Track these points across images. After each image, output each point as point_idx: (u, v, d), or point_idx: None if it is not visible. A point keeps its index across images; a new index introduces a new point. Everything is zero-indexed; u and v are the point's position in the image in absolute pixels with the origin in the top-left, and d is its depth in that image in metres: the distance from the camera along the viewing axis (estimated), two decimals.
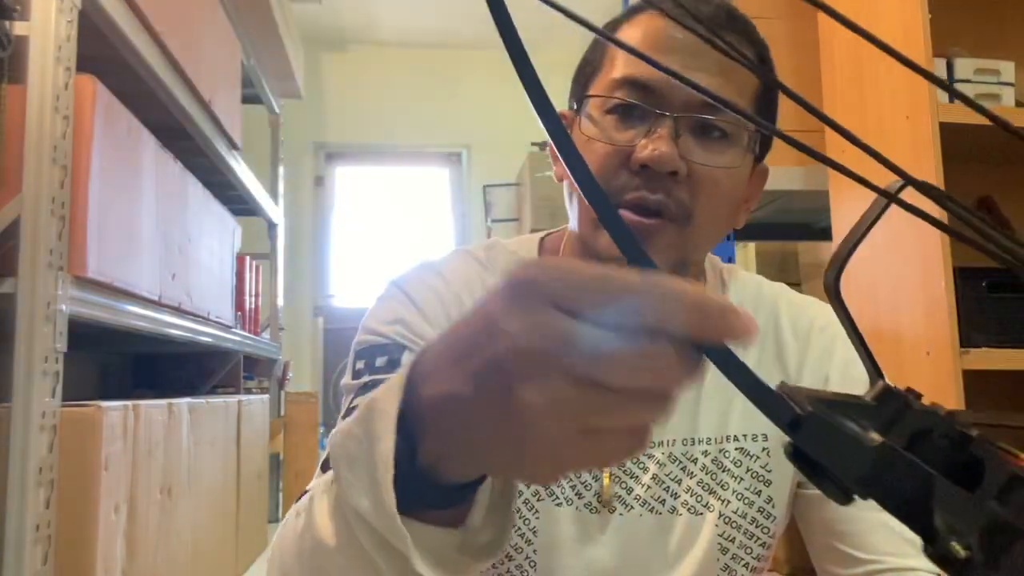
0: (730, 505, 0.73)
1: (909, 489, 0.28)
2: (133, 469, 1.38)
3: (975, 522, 0.28)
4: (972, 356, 1.29)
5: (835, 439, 0.28)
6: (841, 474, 0.28)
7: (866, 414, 0.29)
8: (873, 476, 0.28)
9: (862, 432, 0.28)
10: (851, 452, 0.28)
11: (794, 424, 0.29)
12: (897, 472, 0.28)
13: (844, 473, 0.28)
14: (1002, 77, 1.44)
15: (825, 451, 0.28)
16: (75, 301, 1.24)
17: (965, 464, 0.28)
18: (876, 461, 0.28)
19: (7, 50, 1.17)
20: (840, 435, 0.28)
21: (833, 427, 0.28)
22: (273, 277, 3.26)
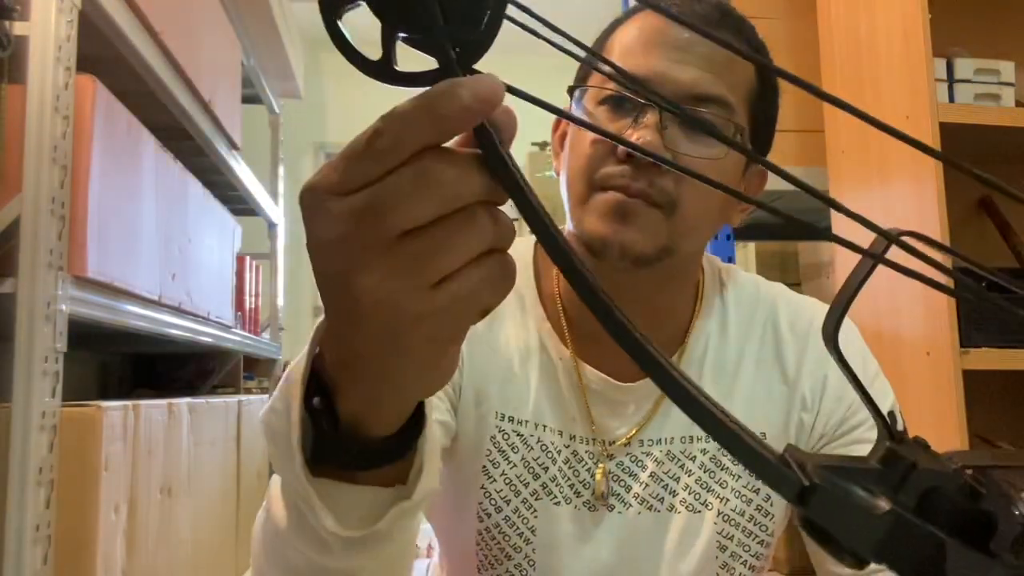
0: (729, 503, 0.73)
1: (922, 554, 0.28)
2: (133, 469, 1.38)
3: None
4: (972, 356, 1.29)
5: (844, 508, 0.28)
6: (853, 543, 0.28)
7: (873, 478, 0.29)
8: (885, 543, 0.28)
9: (871, 500, 0.28)
10: (861, 521, 0.28)
11: (802, 496, 0.28)
12: (909, 538, 0.28)
13: (856, 542, 0.28)
14: (1002, 77, 1.44)
15: (836, 521, 0.28)
16: (75, 301, 1.24)
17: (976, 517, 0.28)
18: (887, 529, 0.28)
19: (7, 50, 1.17)
20: (849, 504, 0.28)
21: (842, 497, 0.28)
22: (273, 277, 3.25)
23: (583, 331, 0.75)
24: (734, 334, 0.77)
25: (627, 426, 0.74)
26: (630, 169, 0.66)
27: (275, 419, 0.42)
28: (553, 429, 0.74)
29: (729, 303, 0.79)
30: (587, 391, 0.74)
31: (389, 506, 0.41)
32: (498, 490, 0.73)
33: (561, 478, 0.73)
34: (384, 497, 0.41)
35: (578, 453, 0.74)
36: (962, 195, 1.53)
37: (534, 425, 0.74)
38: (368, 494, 0.41)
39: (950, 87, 1.42)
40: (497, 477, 0.73)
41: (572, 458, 0.74)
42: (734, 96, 0.69)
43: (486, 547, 0.74)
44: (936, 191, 1.30)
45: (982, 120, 1.38)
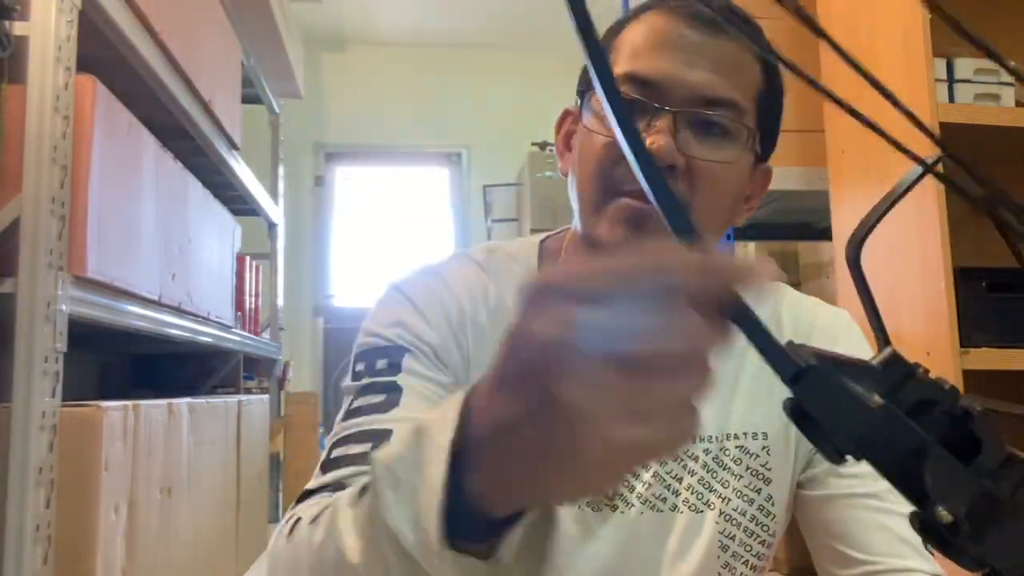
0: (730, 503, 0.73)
1: (904, 454, 0.28)
2: (133, 469, 1.38)
3: (966, 493, 0.28)
4: (972, 356, 1.29)
5: (836, 397, 0.28)
6: (838, 432, 0.28)
7: (871, 377, 0.29)
8: (870, 437, 0.28)
9: (865, 393, 0.28)
10: (851, 411, 0.28)
11: (796, 377, 0.29)
12: (895, 436, 0.28)
13: (842, 431, 0.28)
14: (1002, 77, 1.44)
15: (825, 408, 0.28)
16: (75, 301, 1.24)
17: (963, 440, 0.29)
18: (876, 422, 0.28)
19: (7, 50, 1.17)
20: (842, 393, 0.28)
21: (835, 384, 0.28)
22: (273, 277, 3.26)
23: None
24: None
25: None
26: None
27: (402, 468, 0.40)
28: None
29: None
30: None
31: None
32: None
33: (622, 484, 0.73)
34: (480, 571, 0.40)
35: None
36: None
37: None
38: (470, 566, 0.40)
39: (950, 87, 1.42)
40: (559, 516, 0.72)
41: None
42: (744, 98, 0.69)
43: None
44: (936, 190, 1.30)
45: (982, 120, 1.38)
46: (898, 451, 0.28)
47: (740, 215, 0.76)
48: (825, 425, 0.28)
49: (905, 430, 0.28)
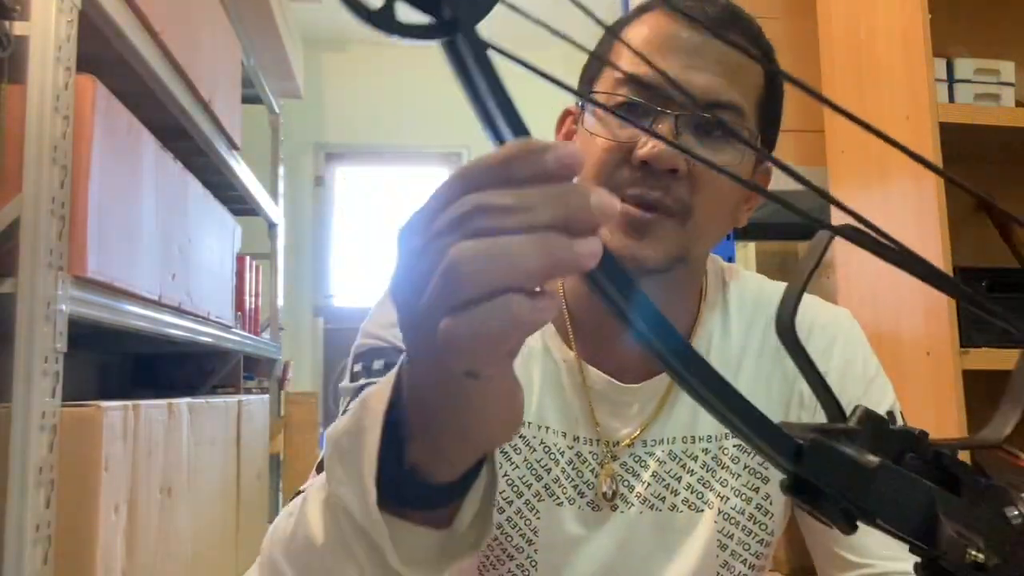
0: (729, 502, 0.73)
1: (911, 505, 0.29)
2: (133, 469, 1.38)
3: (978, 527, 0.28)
4: (972, 356, 1.29)
5: (836, 465, 0.29)
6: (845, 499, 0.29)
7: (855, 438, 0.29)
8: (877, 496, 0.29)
9: (861, 454, 0.29)
10: (853, 475, 0.28)
11: (797, 455, 0.29)
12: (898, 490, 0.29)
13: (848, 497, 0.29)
14: (1002, 77, 1.44)
15: (828, 478, 0.29)
16: (75, 301, 1.24)
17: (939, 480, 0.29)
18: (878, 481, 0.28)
19: (7, 50, 1.17)
20: (841, 460, 0.29)
21: (834, 453, 0.29)
22: (273, 277, 3.25)
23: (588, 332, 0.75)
24: (736, 332, 0.78)
25: (630, 427, 0.74)
26: (646, 177, 0.65)
27: (345, 440, 0.42)
28: (556, 431, 0.74)
29: (731, 301, 0.79)
30: (591, 392, 0.74)
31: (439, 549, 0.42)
32: (500, 491, 0.73)
33: (564, 479, 0.73)
34: (432, 539, 0.42)
35: (582, 454, 0.74)
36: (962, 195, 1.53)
37: (537, 427, 0.74)
38: (420, 537, 0.42)
39: (950, 87, 1.42)
40: (499, 478, 0.73)
41: (576, 459, 0.74)
42: (746, 101, 0.69)
43: (488, 548, 0.74)
44: (936, 191, 1.30)
45: (982, 120, 1.38)
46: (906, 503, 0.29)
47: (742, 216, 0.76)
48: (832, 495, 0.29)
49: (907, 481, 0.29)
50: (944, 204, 1.30)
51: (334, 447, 0.44)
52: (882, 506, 0.29)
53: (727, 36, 0.67)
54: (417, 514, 0.42)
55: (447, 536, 0.42)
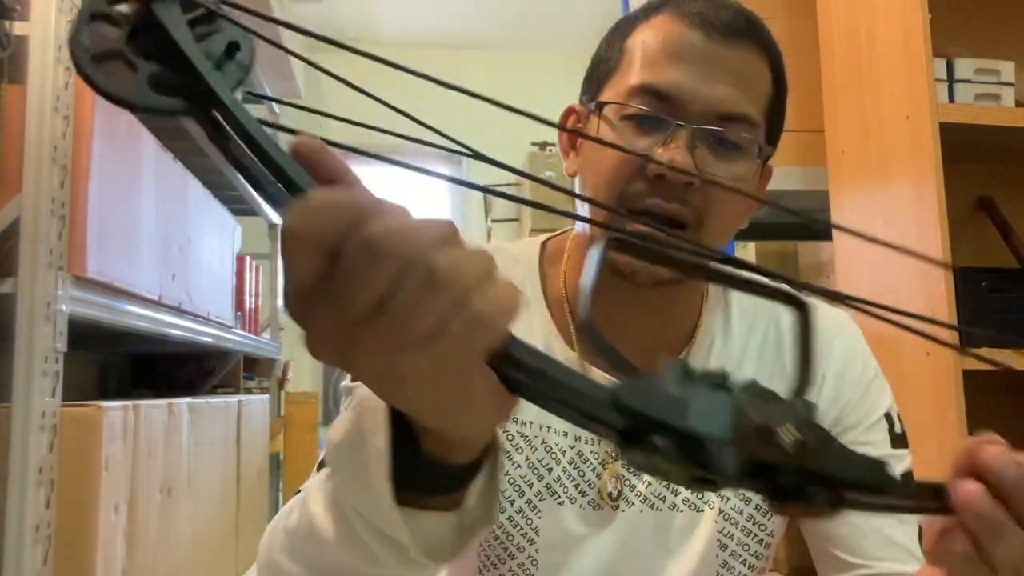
0: (728, 501, 0.73)
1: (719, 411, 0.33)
2: (133, 469, 1.38)
3: None
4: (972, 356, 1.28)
5: (652, 395, 0.33)
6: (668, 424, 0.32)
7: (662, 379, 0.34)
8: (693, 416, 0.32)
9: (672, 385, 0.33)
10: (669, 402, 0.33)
11: (614, 400, 0.33)
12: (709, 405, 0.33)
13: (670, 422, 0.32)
14: (1002, 77, 1.44)
15: (648, 407, 0.32)
16: (75, 301, 1.24)
17: None
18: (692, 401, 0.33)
19: (7, 50, 1.17)
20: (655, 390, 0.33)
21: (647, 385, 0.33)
22: (273, 277, 3.25)
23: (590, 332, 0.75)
24: (737, 332, 0.78)
25: None
26: (661, 189, 0.66)
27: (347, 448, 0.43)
28: (558, 430, 0.74)
29: (733, 302, 0.79)
30: None
31: (453, 531, 0.42)
32: (502, 490, 0.73)
33: (566, 478, 0.73)
34: (448, 521, 0.42)
35: (583, 454, 0.74)
36: (962, 195, 1.53)
37: (538, 426, 0.74)
38: (435, 519, 0.42)
39: (950, 87, 1.42)
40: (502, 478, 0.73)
41: (577, 458, 0.74)
42: (757, 111, 0.69)
43: (488, 547, 0.74)
44: (936, 191, 1.30)
45: (982, 120, 1.38)
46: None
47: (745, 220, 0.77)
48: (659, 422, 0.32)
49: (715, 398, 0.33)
50: (944, 204, 1.30)
51: (336, 455, 0.44)
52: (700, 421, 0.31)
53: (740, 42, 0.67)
54: (432, 500, 0.42)
55: (460, 515, 0.43)
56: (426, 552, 0.42)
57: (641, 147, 0.67)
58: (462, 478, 0.42)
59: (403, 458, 0.40)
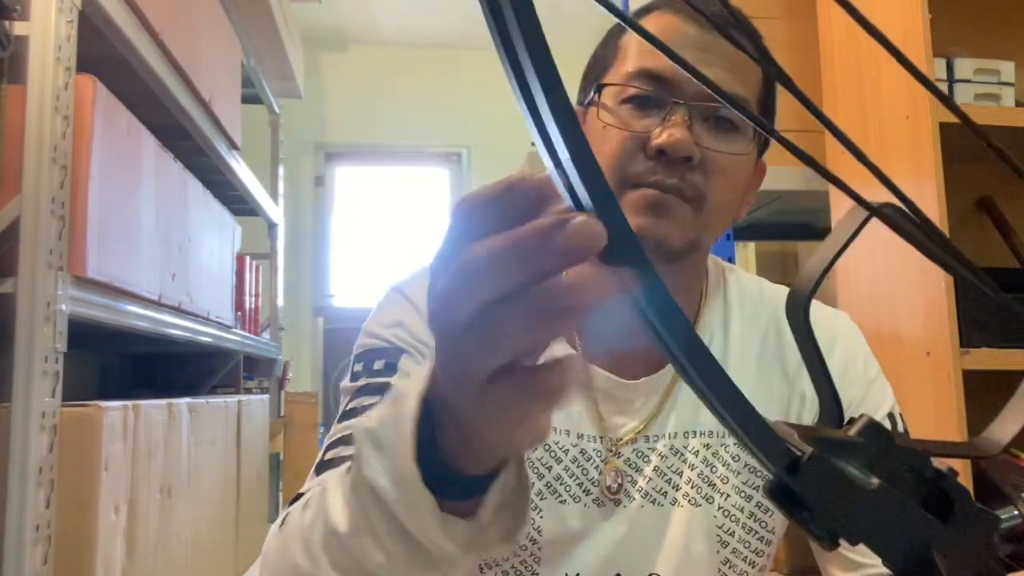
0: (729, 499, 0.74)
1: (903, 532, 0.27)
2: (133, 469, 1.38)
3: (968, 561, 0.27)
4: (972, 356, 1.29)
5: (833, 482, 0.27)
6: (834, 518, 0.27)
7: (857, 452, 0.28)
8: (872, 521, 0.27)
9: (862, 474, 0.27)
10: (848, 495, 0.27)
11: (793, 467, 0.27)
12: (891, 515, 0.27)
13: (837, 517, 0.27)
14: (1002, 77, 1.44)
15: (823, 494, 0.27)
16: (75, 301, 1.24)
17: (936, 498, 0.28)
18: (876, 506, 0.27)
19: (7, 50, 1.17)
20: (840, 478, 0.27)
21: (834, 470, 0.27)
22: (273, 277, 3.26)
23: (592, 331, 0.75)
24: (736, 331, 0.78)
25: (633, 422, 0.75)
26: (662, 166, 0.67)
27: (383, 430, 0.43)
28: (559, 429, 0.74)
29: (732, 301, 0.80)
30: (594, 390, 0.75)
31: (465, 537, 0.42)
32: None
33: (567, 476, 0.74)
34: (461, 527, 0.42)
35: (586, 451, 0.74)
36: (962, 195, 1.53)
37: None
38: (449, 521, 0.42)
39: (950, 87, 1.42)
40: None
41: (580, 456, 0.74)
42: (749, 94, 0.72)
43: None
44: (936, 191, 1.30)
45: (982, 120, 1.37)
46: (899, 534, 0.27)
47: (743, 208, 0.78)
48: (821, 510, 0.27)
49: (903, 509, 0.27)
50: (944, 204, 1.30)
51: (367, 436, 0.44)
52: (871, 530, 0.27)
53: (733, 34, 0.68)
54: (449, 504, 0.42)
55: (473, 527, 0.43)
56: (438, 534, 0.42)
57: (640, 127, 0.69)
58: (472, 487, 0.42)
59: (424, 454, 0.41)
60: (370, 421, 0.44)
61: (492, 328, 0.32)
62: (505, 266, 0.31)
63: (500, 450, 0.40)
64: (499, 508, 0.42)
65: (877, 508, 0.27)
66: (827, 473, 0.27)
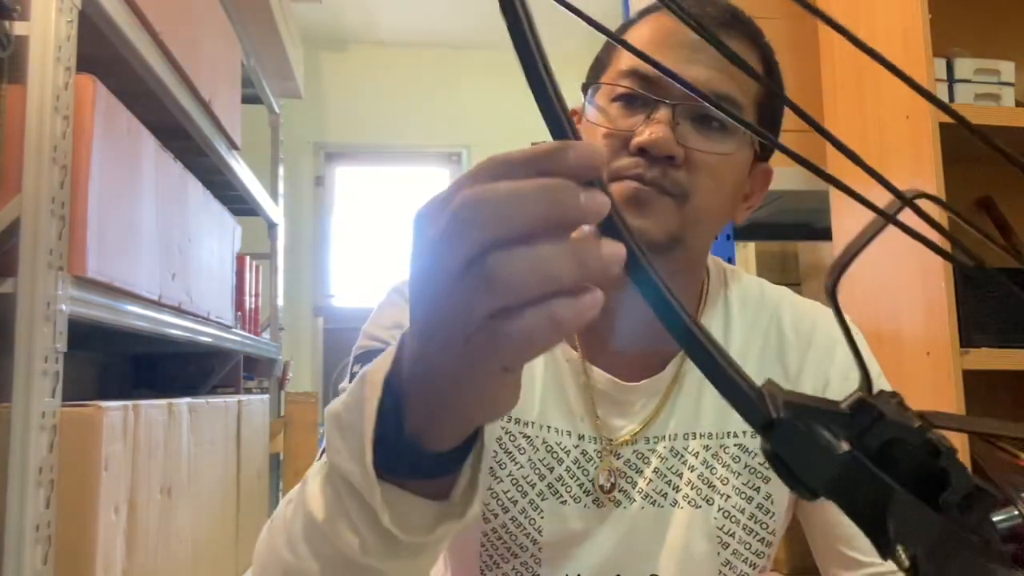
0: (730, 500, 0.74)
1: (870, 498, 0.29)
2: (133, 469, 1.38)
3: (928, 532, 0.29)
4: (972, 356, 1.29)
5: (807, 444, 0.30)
6: (810, 477, 0.30)
7: (840, 422, 0.30)
8: (839, 482, 0.29)
9: (833, 440, 0.29)
10: (819, 457, 0.29)
11: (767, 426, 0.30)
12: (861, 480, 0.29)
13: (812, 477, 0.30)
14: (1002, 77, 1.44)
15: (797, 455, 0.30)
16: (75, 301, 1.24)
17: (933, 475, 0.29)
18: (841, 468, 0.29)
19: (7, 50, 1.17)
20: (812, 441, 0.30)
21: (806, 433, 0.30)
22: (273, 277, 3.25)
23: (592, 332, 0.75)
24: (737, 333, 0.78)
25: (633, 423, 0.75)
26: (644, 161, 0.67)
27: (347, 413, 0.44)
28: (560, 430, 0.74)
29: (733, 303, 0.79)
30: (594, 391, 0.75)
31: (434, 518, 0.43)
32: (505, 491, 0.74)
33: (569, 478, 0.74)
34: (429, 511, 0.43)
35: (587, 453, 0.74)
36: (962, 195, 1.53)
37: (539, 426, 0.74)
38: (416, 505, 0.43)
39: (950, 87, 1.42)
40: (504, 478, 0.74)
41: (581, 457, 0.74)
42: (742, 95, 0.71)
43: (491, 547, 0.74)
44: (936, 191, 1.30)
45: (982, 120, 1.38)
46: (864, 495, 0.29)
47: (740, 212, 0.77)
48: (797, 470, 0.30)
49: (869, 475, 0.29)
50: None
51: (334, 420, 0.45)
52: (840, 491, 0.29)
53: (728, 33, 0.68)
54: (415, 484, 0.43)
55: (443, 507, 0.44)
56: (397, 524, 0.42)
57: (626, 126, 0.69)
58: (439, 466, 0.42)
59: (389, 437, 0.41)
60: (337, 405, 0.45)
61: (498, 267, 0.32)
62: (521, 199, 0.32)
63: (472, 416, 0.40)
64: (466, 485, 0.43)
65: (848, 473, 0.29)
66: (801, 435, 0.30)
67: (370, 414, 0.41)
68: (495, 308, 0.33)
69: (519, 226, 0.32)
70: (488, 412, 0.40)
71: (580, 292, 0.33)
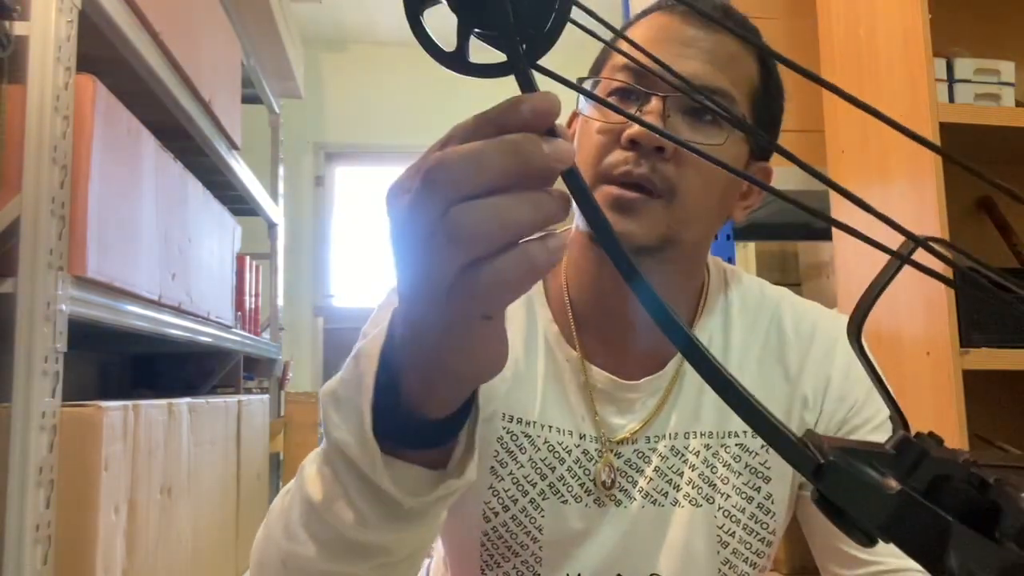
0: (730, 499, 0.74)
1: (927, 534, 0.29)
2: (133, 469, 1.38)
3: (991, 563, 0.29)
4: (972, 356, 1.29)
5: (856, 486, 0.30)
6: (863, 520, 0.30)
7: (886, 462, 0.30)
8: (893, 522, 0.29)
9: (881, 479, 0.30)
10: (871, 499, 0.29)
11: (817, 472, 0.30)
12: (915, 518, 0.29)
13: (866, 518, 0.30)
14: (1002, 77, 1.44)
15: (847, 498, 0.30)
16: (75, 301, 1.24)
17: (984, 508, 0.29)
18: (895, 508, 0.29)
19: (7, 50, 1.17)
20: (861, 483, 0.30)
21: (854, 475, 0.30)
22: (273, 277, 3.25)
23: (591, 331, 0.75)
24: (737, 334, 0.78)
25: (634, 422, 0.75)
26: (633, 155, 0.68)
27: (343, 389, 0.45)
28: (561, 429, 0.74)
29: (733, 303, 0.79)
30: (593, 391, 0.75)
31: (433, 485, 0.45)
32: (506, 490, 0.74)
33: (570, 477, 0.74)
34: (428, 477, 0.45)
35: (588, 452, 0.74)
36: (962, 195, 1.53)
37: (540, 426, 0.74)
38: (414, 471, 0.45)
39: (950, 87, 1.42)
40: (505, 477, 0.74)
41: (582, 457, 0.74)
42: (736, 89, 0.71)
43: (492, 546, 0.74)
44: (936, 190, 1.30)
45: (982, 120, 1.38)
46: (922, 532, 0.29)
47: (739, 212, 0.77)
48: (850, 513, 0.30)
49: (923, 511, 0.29)
50: (944, 204, 1.30)
51: (330, 396, 0.46)
52: (897, 531, 0.29)
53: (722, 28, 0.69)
54: (413, 454, 0.44)
55: (440, 475, 0.45)
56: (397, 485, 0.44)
57: (618, 119, 0.69)
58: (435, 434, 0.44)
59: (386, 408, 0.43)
60: (332, 383, 0.46)
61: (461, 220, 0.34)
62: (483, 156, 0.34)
63: (463, 373, 0.42)
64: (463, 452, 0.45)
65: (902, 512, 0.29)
66: (849, 478, 0.30)
67: (368, 385, 0.43)
68: (466, 260, 0.35)
69: (485, 182, 0.34)
70: (476, 367, 0.42)
71: (546, 237, 0.35)
